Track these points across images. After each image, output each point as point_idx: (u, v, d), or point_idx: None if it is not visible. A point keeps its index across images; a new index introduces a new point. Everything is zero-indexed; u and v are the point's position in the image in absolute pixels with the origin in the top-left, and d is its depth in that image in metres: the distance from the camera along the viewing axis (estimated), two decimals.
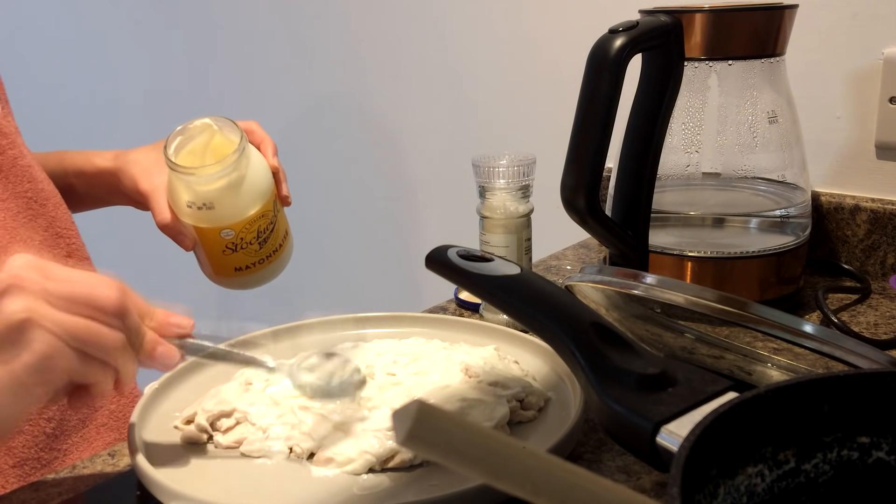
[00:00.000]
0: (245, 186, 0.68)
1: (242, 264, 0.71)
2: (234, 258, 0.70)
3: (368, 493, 0.51)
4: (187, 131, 0.69)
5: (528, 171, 0.78)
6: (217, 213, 0.67)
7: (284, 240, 0.73)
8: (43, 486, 0.57)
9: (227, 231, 0.68)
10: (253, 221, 0.68)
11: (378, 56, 1.32)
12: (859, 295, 0.82)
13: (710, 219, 0.80)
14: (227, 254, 0.69)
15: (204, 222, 0.68)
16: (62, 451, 0.72)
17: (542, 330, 0.53)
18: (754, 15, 0.73)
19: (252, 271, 0.71)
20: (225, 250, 0.69)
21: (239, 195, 0.67)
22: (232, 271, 0.71)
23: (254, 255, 0.70)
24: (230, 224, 0.68)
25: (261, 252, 0.70)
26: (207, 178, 0.66)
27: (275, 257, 0.72)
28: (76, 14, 1.79)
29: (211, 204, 0.67)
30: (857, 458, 0.37)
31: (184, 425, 0.59)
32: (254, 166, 0.69)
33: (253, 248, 0.69)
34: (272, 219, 0.70)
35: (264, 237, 0.70)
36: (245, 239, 0.69)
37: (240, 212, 0.68)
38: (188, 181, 0.67)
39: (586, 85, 0.69)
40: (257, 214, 0.68)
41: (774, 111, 0.77)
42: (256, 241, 0.69)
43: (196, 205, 0.67)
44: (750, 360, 0.60)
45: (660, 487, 0.52)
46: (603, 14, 0.80)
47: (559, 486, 0.25)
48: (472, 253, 0.59)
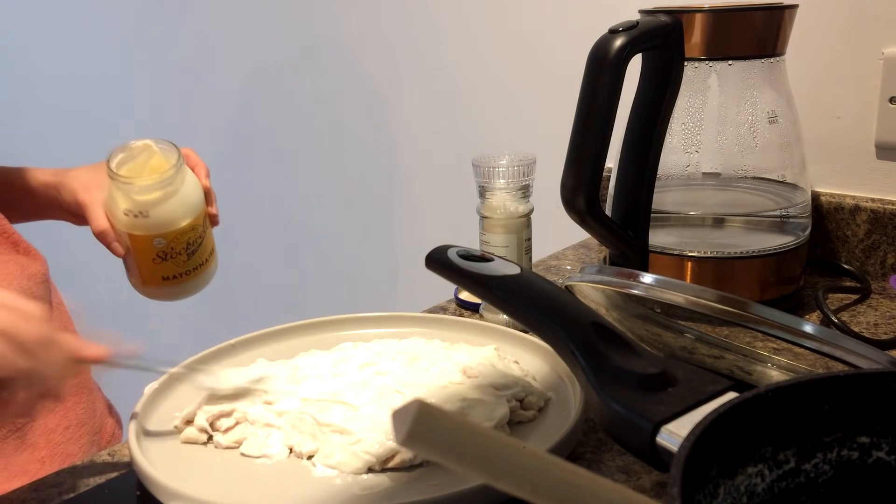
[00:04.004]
0: (178, 199, 0.73)
1: (170, 274, 0.76)
2: (163, 267, 0.75)
3: (368, 493, 0.51)
4: (128, 149, 0.75)
5: (528, 171, 0.78)
6: (151, 221, 0.73)
7: (210, 256, 0.79)
8: (43, 486, 0.57)
9: (160, 240, 0.74)
10: (184, 233, 0.74)
11: (378, 56, 1.32)
12: (859, 295, 0.82)
13: (710, 219, 0.80)
14: (157, 262, 0.75)
15: (139, 230, 0.74)
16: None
17: (542, 330, 0.53)
18: (754, 15, 0.73)
19: (178, 282, 0.77)
20: (155, 258, 0.74)
21: (172, 207, 0.73)
22: (160, 280, 0.76)
23: (181, 266, 0.76)
24: (162, 233, 0.73)
25: (188, 263, 0.76)
26: (145, 187, 0.72)
27: (200, 270, 0.78)
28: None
29: (146, 213, 0.73)
30: (857, 458, 0.37)
31: (184, 425, 0.59)
32: (188, 183, 0.75)
33: (181, 259, 0.75)
34: (201, 233, 0.76)
35: (192, 249, 0.75)
36: (175, 249, 0.74)
37: (172, 222, 0.73)
38: (127, 190, 0.73)
39: (586, 85, 0.69)
40: (188, 227, 0.74)
41: (774, 111, 0.77)
42: (185, 251, 0.75)
43: (133, 213, 0.73)
44: (750, 360, 0.60)
45: (660, 487, 0.52)
46: (603, 14, 0.80)
47: (559, 486, 0.25)
48: (472, 253, 0.59)
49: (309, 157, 1.49)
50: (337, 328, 0.74)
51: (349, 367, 0.62)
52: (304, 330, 0.73)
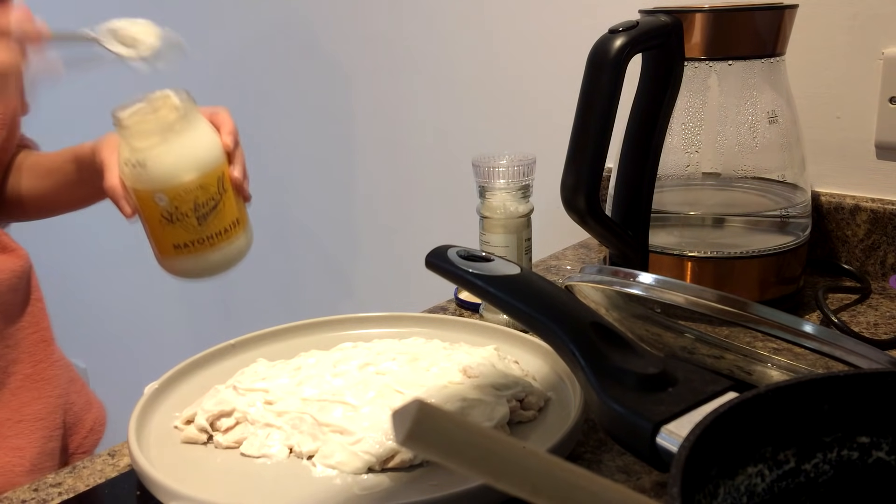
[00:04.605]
0: (180, 150, 0.67)
1: (181, 241, 0.69)
2: (172, 232, 0.69)
3: (368, 493, 0.51)
4: (144, 99, 0.68)
5: (528, 171, 0.78)
6: (149, 173, 0.67)
7: (235, 228, 0.71)
8: (43, 487, 0.57)
9: (160, 195, 0.67)
10: (188, 190, 0.67)
11: (377, 56, 1.32)
12: (859, 295, 0.82)
13: (710, 219, 0.80)
14: (165, 225, 0.68)
15: (138, 183, 0.67)
16: None
17: (542, 330, 0.53)
18: (754, 15, 0.73)
19: (192, 252, 0.69)
20: (161, 220, 0.68)
21: (173, 158, 0.67)
22: (171, 249, 0.70)
23: (193, 232, 0.68)
24: (162, 188, 0.67)
25: (200, 230, 0.68)
26: (140, 132, 0.66)
27: (219, 241, 0.70)
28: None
29: (143, 162, 0.66)
30: (857, 458, 0.37)
31: (184, 425, 0.59)
32: (197, 135, 0.68)
33: (190, 223, 0.68)
34: (214, 196, 0.69)
35: (204, 212, 0.68)
36: (180, 209, 0.67)
37: (172, 176, 0.67)
38: (123, 135, 0.67)
39: (586, 85, 0.69)
40: (193, 184, 0.67)
41: (774, 111, 0.77)
42: (194, 214, 0.68)
43: (131, 162, 0.67)
44: (750, 360, 0.60)
45: (660, 487, 0.52)
46: (603, 14, 0.80)
47: (559, 486, 0.25)
48: (472, 253, 0.59)
49: (309, 156, 1.49)
50: (337, 328, 0.74)
51: (349, 367, 0.62)
52: (304, 330, 0.73)
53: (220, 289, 1.77)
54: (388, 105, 1.33)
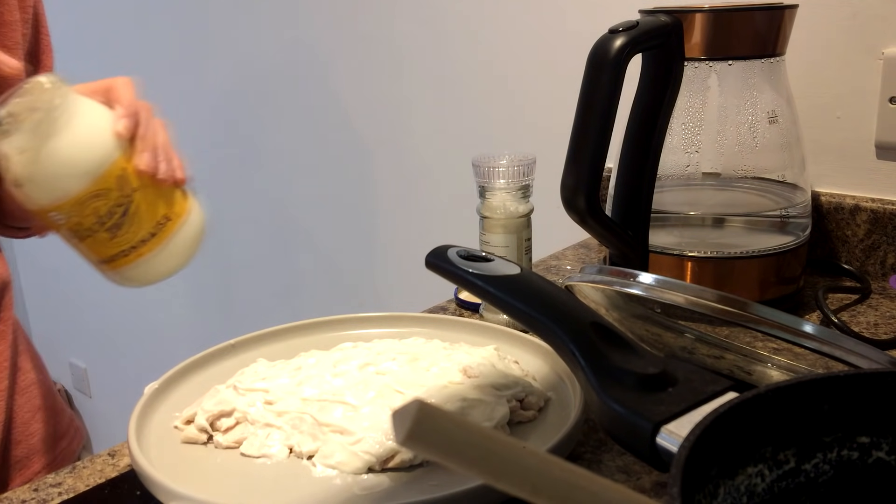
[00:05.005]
0: (58, 156, 0.54)
1: (104, 256, 0.59)
2: (91, 249, 0.59)
3: (368, 493, 0.51)
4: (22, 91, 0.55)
5: (528, 171, 0.78)
6: (28, 191, 0.55)
7: (166, 224, 0.59)
8: (43, 487, 0.57)
9: (55, 214, 0.55)
10: (81, 203, 0.55)
11: (378, 56, 1.32)
12: (859, 295, 0.82)
13: (710, 219, 0.80)
14: (80, 243, 0.58)
15: (28, 203, 0.56)
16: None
17: (542, 330, 0.53)
18: (754, 15, 0.73)
19: (124, 263, 0.59)
20: (72, 238, 0.58)
21: (51, 167, 0.54)
22: (102, 265, 0.60)
23: (111, 246, 0.58)
24: (52, 206, 0.55)
25: (120, 241, 0.57)
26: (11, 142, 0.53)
27: (153, 246, 0.59)
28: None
29: (19, 181, 0.54)
30: (857, 458, 0.37)
31: (184, 425, 0.59)
32: (75, 132, 0.55)
33: (103, 237, 0.57)
34: (120, 200, 0.56)
35: (114, 223, 0.56)
36: (83, 225, 0.56)
37: (55, 189, 0.55)
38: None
39: (586, 85, 0.69)
40: (86, 195, 0.55)
41: (774, 111, 0.77)
42: (101, 228, 0.56)
43: (12, 182, 0.55)
44: (750, 360, 0.60)
45: (660, 487, 0.52)
46: (603, 14, 0.80)
47: (559, 486, 0.25)
48: (472, 253, 0.59)
49: (309, 156, 1.49)
50: (337, 328, 0.74)
51: (349, 367, 0.62)
52: (304, 330, 0.73)
53: (221, 289, 1.77)
54: (387, 105, 1.33)
